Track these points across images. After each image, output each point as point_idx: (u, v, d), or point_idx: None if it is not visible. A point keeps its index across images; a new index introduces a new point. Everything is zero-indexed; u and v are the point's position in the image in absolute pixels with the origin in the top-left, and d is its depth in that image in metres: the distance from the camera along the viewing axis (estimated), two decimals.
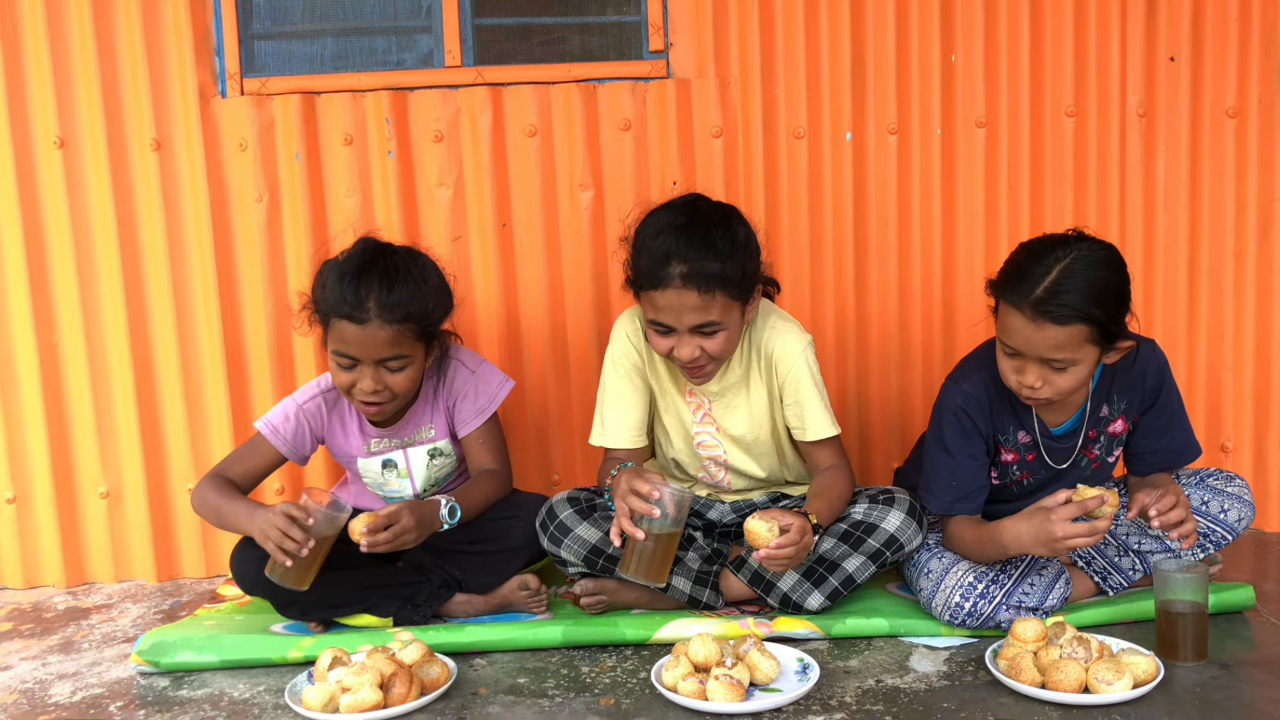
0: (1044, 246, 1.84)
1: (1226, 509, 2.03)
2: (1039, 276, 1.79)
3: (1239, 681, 1.74)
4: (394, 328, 1.97)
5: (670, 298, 1.90)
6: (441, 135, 2.55)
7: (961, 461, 2.00)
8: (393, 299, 1.96)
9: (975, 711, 1.66)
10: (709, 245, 1.89)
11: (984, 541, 1.94)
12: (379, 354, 1.98)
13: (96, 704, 1.84)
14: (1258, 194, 2.59)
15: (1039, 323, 1.78)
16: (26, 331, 2.50)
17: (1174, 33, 2.55)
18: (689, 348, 1.94)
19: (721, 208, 2.00)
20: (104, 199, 2.48)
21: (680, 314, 1.91)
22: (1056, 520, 1.78)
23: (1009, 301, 1.82)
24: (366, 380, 2.00)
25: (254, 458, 2.15)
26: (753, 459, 2.16)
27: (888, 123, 2.57)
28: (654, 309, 1.94)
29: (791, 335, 2.08)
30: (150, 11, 2.46)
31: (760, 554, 1.81)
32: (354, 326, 1.96)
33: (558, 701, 1.76)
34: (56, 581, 2.57)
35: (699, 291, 1.88)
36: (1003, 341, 1.87)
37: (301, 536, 1.86)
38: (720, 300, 1.90)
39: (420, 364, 2.07)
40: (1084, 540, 1.78)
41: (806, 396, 2.06)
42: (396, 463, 2.20)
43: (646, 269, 1.92)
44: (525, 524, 2.11)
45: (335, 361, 2.02)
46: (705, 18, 2.54)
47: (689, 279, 1.87)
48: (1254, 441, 2.66)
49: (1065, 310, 1.76)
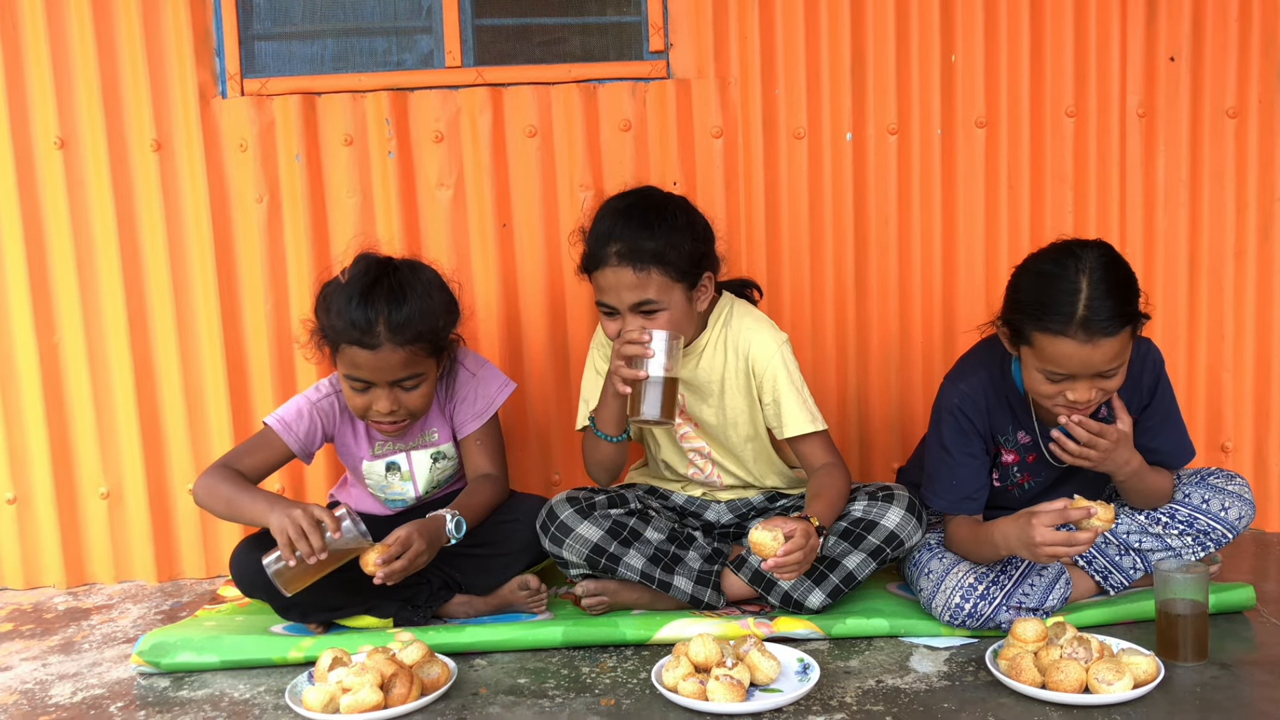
0: (1053, 266, 1.81)
1: (1227, 507, 2.03)
2: (1071, 296, 1.75)
3: (1239, 682, 1.74)
4: (406, 349, 1.96)
5: (609, 276, 1.97)
6: (442, 136, 2.55)
7: (962, 461, 2.00)
8: (402, 320, 1.94)
9: (976, 712, 1.66)
10: (645, 224, 1.97)
11: (979, 541, 1.94)
12: (392, 376, 1.98)
13: (97, 704, 1.84)
14: (1258, 194, 2.59)
15: (1094, 341, 1.75)
16: (27, 332, 2.50)
17: (1174, 33, 2.55)
18: (633, 325, 1.97)
19: (669, 196, 2.08)
20: (104, 199, 2.48)
21: (619, 292, 1.97)
22: (1038, 525, 1.78)
23: (1051, 331, 1.77)
24: (382, 402, 1.99)
25: (263, 452, 2.12)
26: (734, 457, 2.17)
27: (888, 123, 2.57)
28: (599, 290, 2.02)
29: (766, 334, 2.11)
30: (150, 12, 2.46)
31: (770, 564, 1.81)
32: (365, 352, 1.94)
33: (558, 702, 1.76)
34: (57, 582, 2.58)
35: (634, 269, 1.95)
36: (1047, 370, 1.82)
37: (319, 544, 1.83)
38: (656, 278, 1.96)
39: (434, 379, 2.07)
40: (1062, 550, 1.77)
41: (784, 393, 2.08)
42: (400, 465, 2.20)
43: (590, 251, 2.01)
44: (525, 526, 2.11)
45: (348, 385, 2.01)
46: (705, 18, 2.54)
47: (624, 256, 1.95)
48: (1254, 441, 2.66)
49: (1113, 320, 1.75)
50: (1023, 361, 1.89)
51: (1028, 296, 1.83)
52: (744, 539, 2.22)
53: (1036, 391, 1.88)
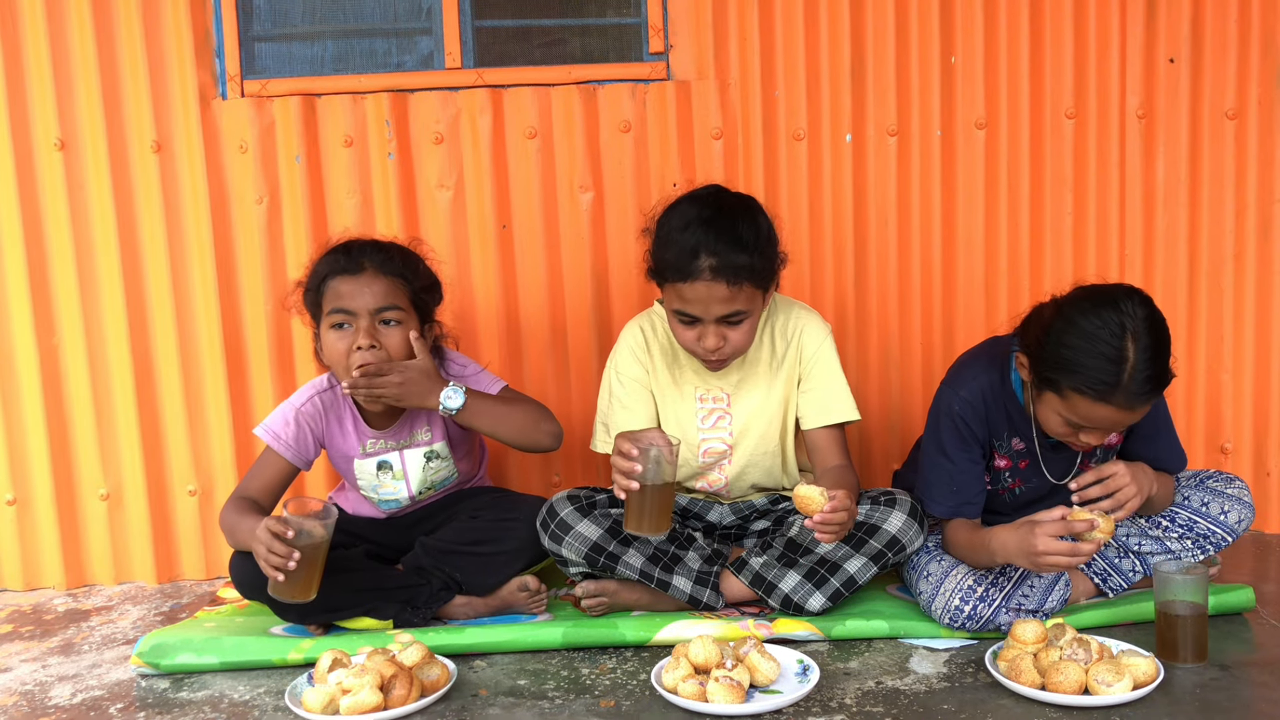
0: (1097, 324, 1.73)
1: (1226, 511, 2.03)
2: (1117, 365, 1.71)
3: (1239, 683, 1.74)
4: (388, 278, 2.05)
5: (700, 290, 1.93)
6: (442, 137, 2.55)
7: (963, 467, 2.00)
8: (384, 256, 2.07)
9: (975, 713, 1.66)
10: (737, 239, 1.93)
11: (976, 546, 1.94)
12: (374, 303, 2.02)
13: (97, 706, 1.84)
14: (1257, 195, 2.59)
15: (1135, 408, 1.75)
16: (27, 333, 2.50)
17: (1174, 34, 2.55)
18: (713, 337, 1.98)
19: (744, 199, 2.04)
20: (104, 201, 2.48)
21: (708, 305, 1.95)
22: (1040, 535, 1.77)
23: (1089, 396, 1.73)
24: (362, 336, 2.01)
25: (266, 471, 2.14)
26: (756, 461, 2.16)
27: (887, 124, 2.57)
28: (681, 300, 1.97)
29: (816, 320, 2.15)
30: (150, 13, 2.46)
31: (817, 518, 1.78)
32: (349, 278, 2.04)
33: (558, 703, 1.76)
34: (57, 583, 2.58)
35: (728, 284, 1.92)
36: (1073, 422, 1.80)
37: (285, 550, 1.81)
38: (746, 291, 1.95)
39: (415, 326, 2.07)
40: (1065, 560, 1.77)
41: (833, 377, 2.11)
42: (392, 464, 2.20)
43: (674, 262, 1.95)
44: (525, 526, 2.11)
45: (330, 327, 2.04)
46: (705, 20, 2.54)
47: (718, 272, 1.91)
48: (1254, 443, 2.66)
49: (1156, 389, 1.74)
50: (1042, 398, 1.85)
51: (1068, 354, 1.75)
52: (745, 540, 2.23)
53: (1050, 427, 1.88)
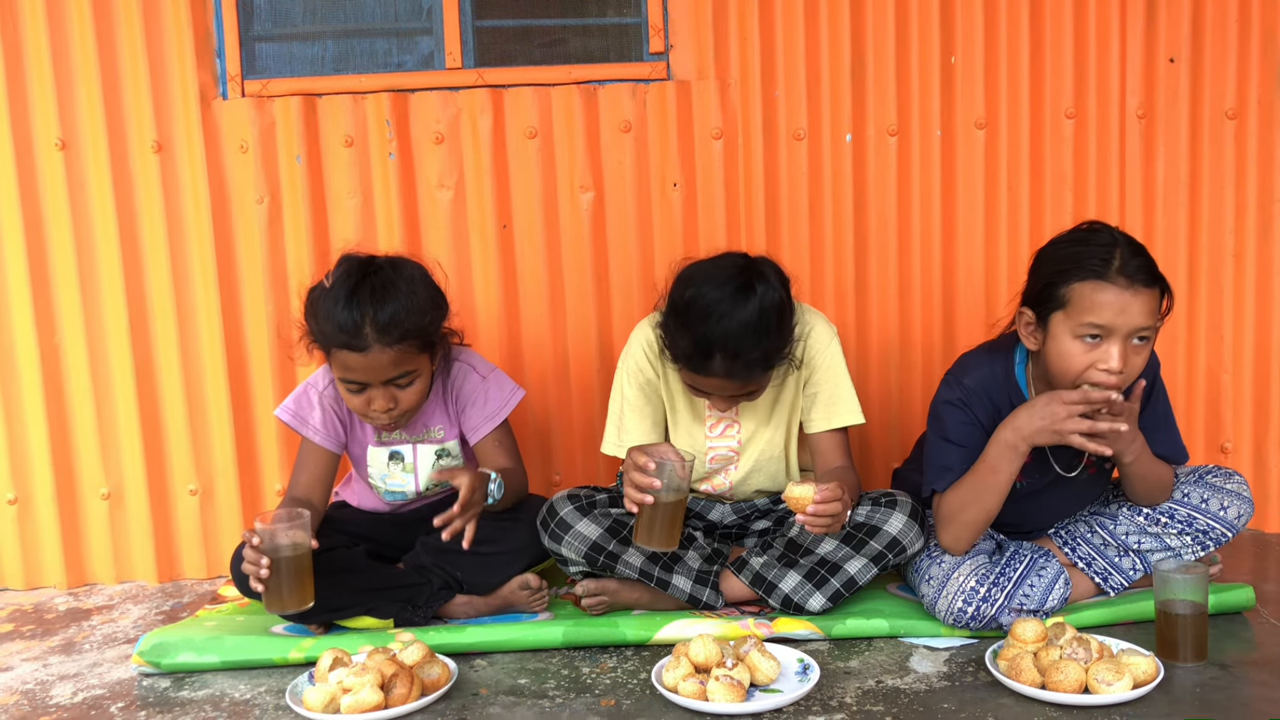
0: (1084, 234, 1.88)
1: (1226, 506, 2.03)
2: (1108, 249, 1.81)
3: (1238, 682, 1.74)
4: (395, 349, 1.96)
5: (714, 383, 1.96)
6: (442, 137, 2.55)
7: (970, 449, 1.99)
8: (387, 319, 1.94)
9: (975, 712, 1.66)
10: (754, 337, 1.90)
11: (980, 474, 1.93)
12: (385, 375, 1.98)
13: (98, 705, 1.84)
14: (1257, 195, 2.59)
15: (1134, 288, 1.79)
16: (28, 333, 2.50)
17: (1174, 34, 2.56)
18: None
19: (762, 275, 1.94)
20: (105, 201, 2.49)
21: (724, 391, 1.99)
22: (1062, 402, 1.83)
23: (1092, 278, 1.80)
24: (378, 400, 2.00)
25: (308, 464, 2.13)
26: (761, 466, 2.16)
27: (888, 124, 2.57)
28: (691, 378, 2.00)
29: (822, 322, 2.15)
30: (151, 13, 2.46)
31: (809, 509, 1.80)
32: (355, 355, 1.95)
33: (558, 702, 1.76)
34: (58, 582, 2.58)
35: (743, 381, 1.96)
36: (1084, 329, 1.82)
37: (255, 557, 1.80)
38: (760, 375, 1.97)
39: (428, 373, 2.07)
40: (1086, 424, 1.81)
41: (839, 379, 2.11)
42: (404, 456, 2.20)
43: (685, 352, 1.94)
44: (526, 526, 2.11)
45: (344, 388, 2.02)
46: (705, 20, 2.54)
47: (734, 373, 1.93)
48: (1254, 442, 2.66)
49: (1148, 273, 1.81)
50: (1053, 337, 1.87)
51: (1063, 256, 1.87)
52: (745, 540, 2.23)
53: (1068, 369, 1.86)
